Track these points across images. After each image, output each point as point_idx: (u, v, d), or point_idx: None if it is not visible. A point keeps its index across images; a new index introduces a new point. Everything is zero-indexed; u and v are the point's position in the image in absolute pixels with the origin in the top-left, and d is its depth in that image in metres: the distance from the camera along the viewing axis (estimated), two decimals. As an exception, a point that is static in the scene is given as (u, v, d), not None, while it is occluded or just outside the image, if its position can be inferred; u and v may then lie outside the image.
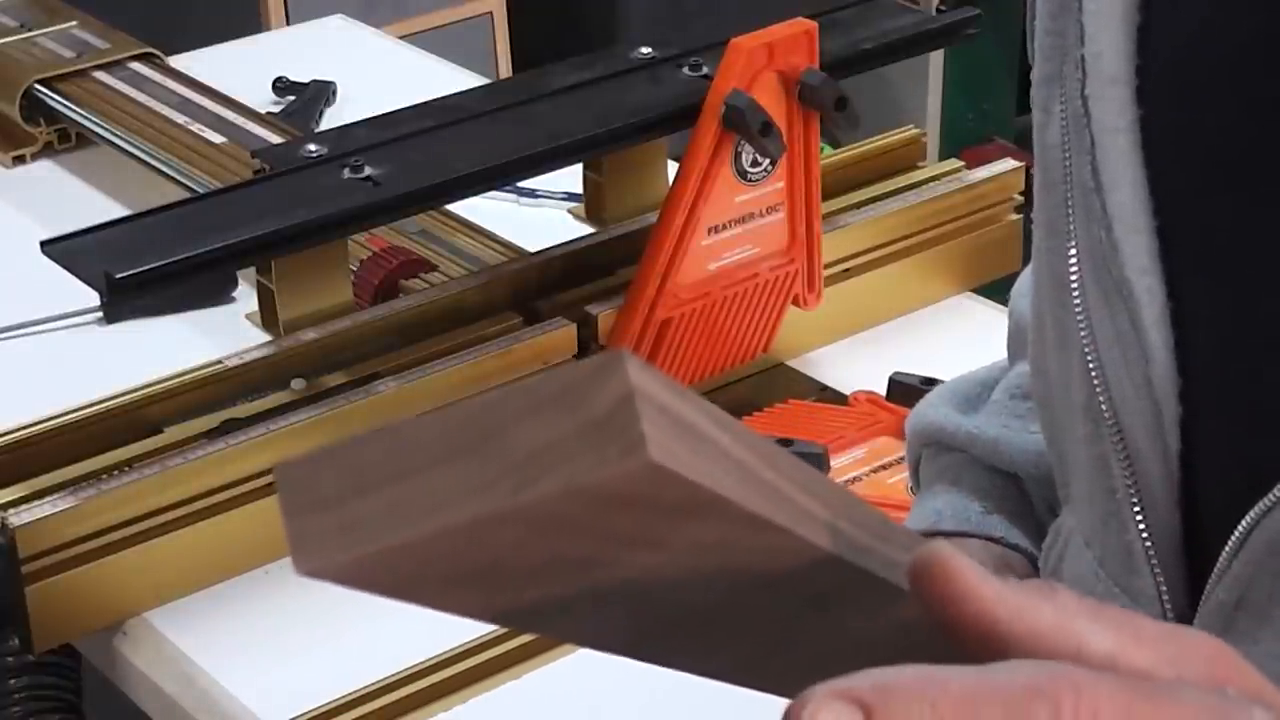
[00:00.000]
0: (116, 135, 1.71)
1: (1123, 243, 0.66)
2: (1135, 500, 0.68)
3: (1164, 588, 0.68)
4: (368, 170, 1.34)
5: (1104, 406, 0.68)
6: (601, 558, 0.42)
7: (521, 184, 1.67)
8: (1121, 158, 0.67)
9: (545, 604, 0.44)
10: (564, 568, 0.43)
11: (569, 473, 0.39)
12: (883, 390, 1.41)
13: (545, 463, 0.39)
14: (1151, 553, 0.68)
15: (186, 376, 1.32)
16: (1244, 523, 0.64)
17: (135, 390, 1.31)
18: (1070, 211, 0.69)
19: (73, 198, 1.72)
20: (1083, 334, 0.69)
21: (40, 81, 1.79)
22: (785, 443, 1.27)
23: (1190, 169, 0.66)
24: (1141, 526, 0.68)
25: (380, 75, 1.99)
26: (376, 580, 0.42)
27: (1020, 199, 1.59)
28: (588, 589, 0.44)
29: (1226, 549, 0.65)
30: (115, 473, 1.23)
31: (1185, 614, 0.68)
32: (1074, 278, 0.69)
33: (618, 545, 0.42)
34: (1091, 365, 0.68)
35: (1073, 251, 0.69)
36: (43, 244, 1.29)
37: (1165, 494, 0.67)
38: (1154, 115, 0.66)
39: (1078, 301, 0.69)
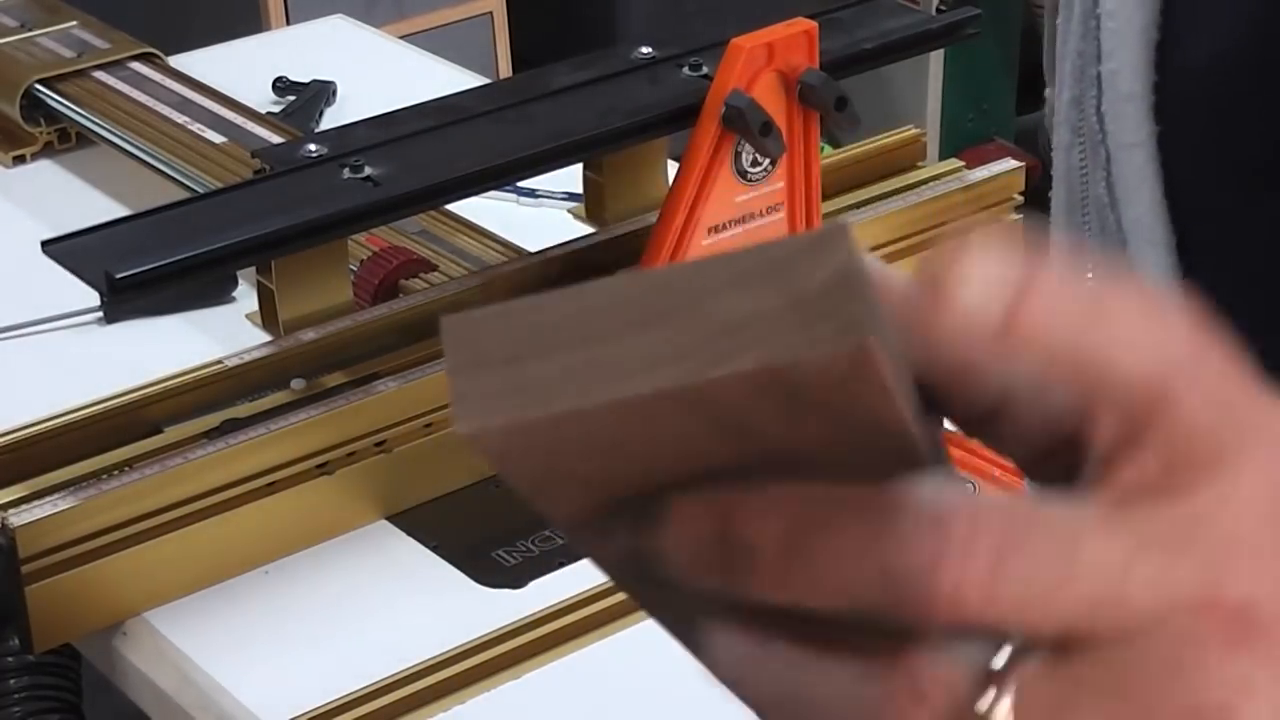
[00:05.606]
0: (116, 135, 1.71)
1: (1138, 257, 0.67)
2: None
3: None
4: (368, 170, 1.34)
5: None
6: (743, 462, 0.39)
7: (521, 184, 1.67)
8: (1137, 173, 0.67)
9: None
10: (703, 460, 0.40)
11: (771, 349, 0.36)
12: (883, 390, 1.40)
13: (746, 337, 0.36)
14: None
15: (186, 376, 1.32)
16: None
17: (135, 390, 1.31)
18: (1088, 230, 0.70)
19: (73, 198, 1.72)
20: None
21: (40, 81, 1.79)
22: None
23: (1207, 182, 0.67)
24: None
25: (380, 75, 1.99)
26: (531, 452, 0.39)
27: (1020, 199, 1.59)
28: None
29: None
30: (115, 473, 1.23)
31: None
32: None
33: (763, 459, 0.39)
34: None
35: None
36: (43, 244, 1.29)
37: None
38: (1170, 131, 0.67)
39: None
